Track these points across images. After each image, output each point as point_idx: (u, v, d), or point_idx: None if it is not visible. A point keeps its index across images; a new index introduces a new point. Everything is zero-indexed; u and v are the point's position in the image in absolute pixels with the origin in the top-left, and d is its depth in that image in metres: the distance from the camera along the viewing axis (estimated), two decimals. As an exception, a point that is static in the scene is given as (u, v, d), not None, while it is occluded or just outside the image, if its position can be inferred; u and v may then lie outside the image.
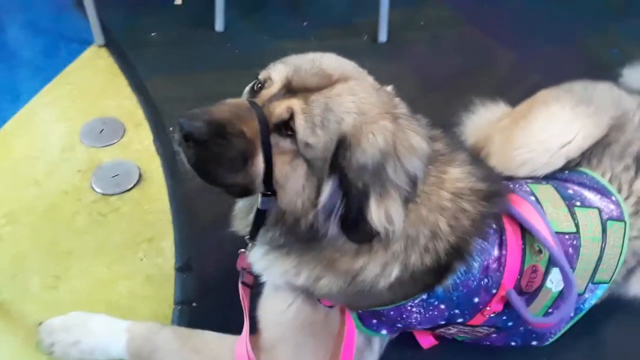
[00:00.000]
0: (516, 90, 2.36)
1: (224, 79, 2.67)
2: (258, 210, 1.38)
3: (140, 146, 2.34)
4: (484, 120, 2.14)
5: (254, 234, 1.43)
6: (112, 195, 2.13)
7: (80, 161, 2.24)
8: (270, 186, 1.28)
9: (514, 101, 2.12)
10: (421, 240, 1.35)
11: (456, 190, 1.40)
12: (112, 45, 2.87)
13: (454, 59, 2.96)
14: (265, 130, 1.23)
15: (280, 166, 1.26)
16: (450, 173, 1.41)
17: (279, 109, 1.24)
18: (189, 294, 1.84)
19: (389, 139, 1.24)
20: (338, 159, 1.22)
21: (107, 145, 2.32)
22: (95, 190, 2.13)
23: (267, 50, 1.34)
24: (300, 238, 1.36)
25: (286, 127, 1.24)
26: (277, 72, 1.30)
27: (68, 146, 2.30)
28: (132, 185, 2.17)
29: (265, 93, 1.29)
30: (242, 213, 1.53)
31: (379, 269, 1.36)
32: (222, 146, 1.21)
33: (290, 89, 1.27)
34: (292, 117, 1.23)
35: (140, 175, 2.20)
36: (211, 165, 1.25)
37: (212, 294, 1.83)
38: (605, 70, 2.53)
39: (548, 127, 1.79)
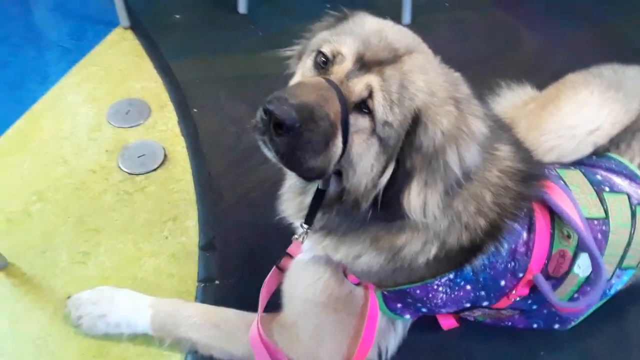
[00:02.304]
0: (543, 73, 2.32)
1: (247, 61, 2.69)
2: (318, 190, 1.37)
3: (165, 127, 2.36)
4: (509, 104, 2.11)
5: (311, 218, 1.41)
6: (138, 174, 2.16)
7: (107, 141, 2.27)
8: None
9: (541, 85, 2.09)
10: (464, 218, 1.35)
11: (504, 168, 1.39)
12: (137, 27, 2.89)
13: (479, 42, 2.93)
14: (345, 110, 1.19)
15: (357, 146, 1.23)
16: (501, 150, 1.41)
17: (359, 87, 1.21)
18: (212, 272, 1.86)
19: (452, 123, 1.22)
20: (409, 138, 1.20)
21: (133, 126, 2.35)
22: (121, 170, 2.16)
23: (290, 31, 1.34)
24: (357, 219, 1.35)
25: (364, 105, 1.21)
26: (348, 46, 1.25)
27: (95, 126, 2.33)
28: (157, 166, 2.19)
29: (339, 69, 1.24)
30: (292, 193, 1.52)
31: (420, 247, 1.37)
32: (312, 131, 1.16)
33: (363, 64, 1.23)
34: (370, 95, 1.20)
35: (165, 156, 2.22)
36: (299, 152, 1.19)
37: (234, 273, 1.85)
38: (636, 54, 2.47)
39: (576, 113, 1.76)
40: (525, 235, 1.44)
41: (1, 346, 1.63)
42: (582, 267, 1.48)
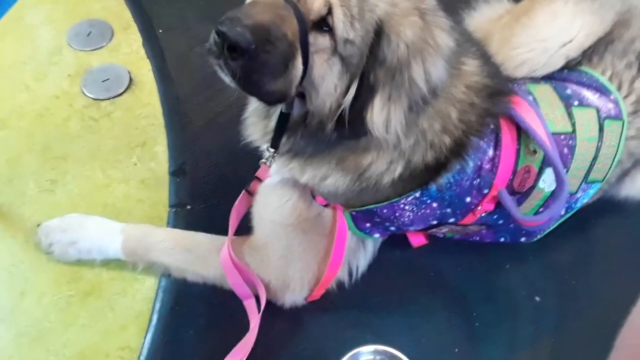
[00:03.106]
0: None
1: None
2: (281, 114, 1.34)
3: (129, 50, 2.26)
4: (485, 18, 2.04)
5: (276, 142, 1.39)
6: (103, 100, 2.09)
7: (69, 65, 2.18)
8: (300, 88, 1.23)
9: (518, -1, 2.02)
10: (429, 136, 1.34)
11: (471, 84, 1.37)
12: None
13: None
14: (303, 29, 1.14)
15: (318, 67, 1.20)
16: (468, 65, 1.38)
17: (317, 4, 1.15)
18: (183, 197, 1.85)
19: (417, 35, 1.18)
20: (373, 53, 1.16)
21: (95, 49, 2.24)
22: (85, 95, 2.09)
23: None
24: (322, 141, 1.33)
25: (324, 23, 1.16)
26: None
27: (56, 50, 2.23)
28: (122, 90, 2.12)
29: None
30: (256, 117, 1.49)
31: (385, 166, 1.36)
32: (268, 53, 1.12)
33: None
34: (330, 11, 1.15)
35: (130, 80, 2.15)
36: (256, 75, 1.15)
37: (205, 198, 1.84)
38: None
39: (549, 25, 1.71)
40: (491, 152, 1.43)
41: (-27, 274, 1.64)
42: (547, 181, 1.49)
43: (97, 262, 1.65)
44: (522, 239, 1.69)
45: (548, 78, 1.69)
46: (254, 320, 1.52)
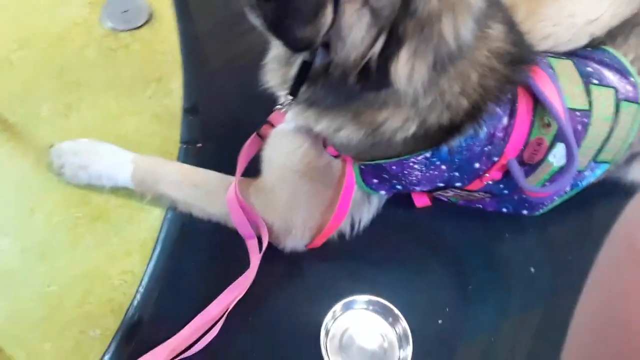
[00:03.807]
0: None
1: None
2: (303, 62, 1.34)
3: (151, -17, 2.24)
4: (512, -12, 2.02)
5: (295, 90, 1.38)
6: (121, 31, 2.08)
7: (90, -8, 2.17)
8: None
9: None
10: (447, 97, 1.33)
11: (494, 49, 1.36)
12: None
13: None
14: None
15: (347, 16, 1.18)
16: (493, 29, 1.36)
17: None
18: (194, 134, 1.86)
19: None
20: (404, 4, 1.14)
21: (117, -22, 2.23)
22: (104, 25, 2.08)
23: None
24: (341, 92, 1.33)
25: None
26: None
27: (78, -24, 2.21)
28: (142, 23, 2.10)
29: None
30: (277, 64, 1.48)
31: (400, 123, 1.37)
32: None
33: None
34: None
35: (151, 13, 2.13)
36: (287, 20, 1.14)
37: (217, 137, 1.86)
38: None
39: (577, 1, 1.69)
40: (505, 120, 1.44)
41: (-16, 187, 1.67)
42: (557, 156, 1.50)
43: (106, 188, 1.68)
44: (524, 212, 1.71)
45: (570, 54, 1.68)
46: (255, 259, 1.55)
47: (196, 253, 1.63)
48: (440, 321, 1.60)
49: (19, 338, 1.47)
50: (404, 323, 1.52)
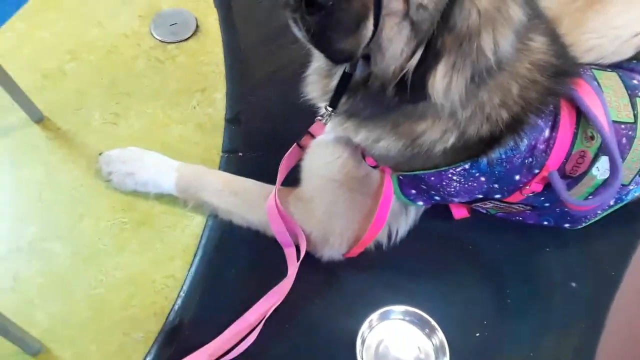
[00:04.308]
0: (600, -29, 2.16)
1: None
2: (344, 74, 1.36)
3: (198, -4, 2.32)
4: (555, 1, 2.00)
5: (335, 101, 1.41)
6: (169, 43, 2.16)
7: (141, 6, 2.25)
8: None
9: (594, -18, 1.96)
10: (487, 109, 1.33)
11: (536, 61, 1.35)
12: None
13: None
14: None
15: (388, 29, 1.20)
16: (535, 42, 1.36)
17: None
18: (236, 144, 1.91)
19: (491, 3, 1.15)
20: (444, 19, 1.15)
21: (167, -7, 2.31)
22: (154, 37, 2.17)
23: None
24: (380, 104, 1.34)
25: None
26: None
27: (129, -10, 2.31)
28: (189, 35, 2.18)
29: None
30: (318, 76, 1.51)
31: (439, 135, 1.37)
32: (344, 11, 1.13)
33: None
34: None
35: (197, 26, 2.21)
36: (329, 32, 1.16)
37: (257, 147, 1.90)
38: None
39: (624, 14, 1.66)
40: (547, 132, 1.42)
41: (38, 192, 1.75)
42: (601, 169, 1.47)
43: (151, 195, 1.74)
44: (566, 225, 1.69)
45: (615, 66, 1.65)
46: (292, 267, 1.58)
47: (236, 260, 1.67)
48: (477, 334, 1.58)
49: (68, 339, 1.53)
50: (440, 335, 1.51)
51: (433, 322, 1.51)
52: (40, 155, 1.83)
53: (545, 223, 1.68)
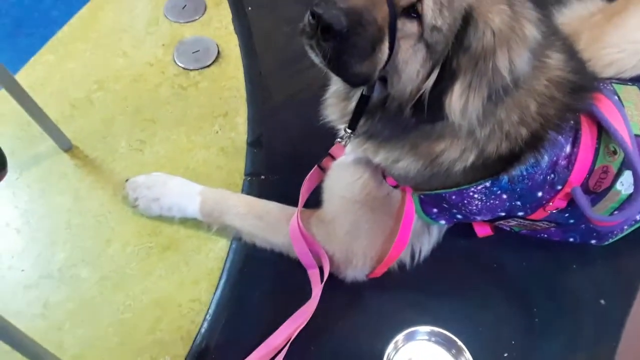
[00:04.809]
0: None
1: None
2: (362, 96, 1.38)
3: (219, 24, 2.37)
4: (575, 15, 1.99)
5: (354, 124, 1.43)
6: (192, 70, 2.21)
7: (164, 35, 2.32)
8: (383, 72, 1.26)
9: (612, -3, 1.96)
10: (505, 126, 1.34)
11: (553, 78, 1.36)
12: None
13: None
14: (393, 15, 1.17)
15: (403, 52, 1.22)
16: (552, 59, 1.37)
17: None
18: (258, 167, 1.94)
19: (505, 23, 1.17)
20: (458, 40, 1.17)
21: (189, 22, 2.37)
22: (177, 64, 2.22)
23: None
24: (398, 125, 1.36)
25: (413, 9, 1.18)
26: None
27: (153, 20, 2.37)
28: (211, 62, 2.23)
29: None
30: (336, 99, 1.53)
31: (458, 154, 1.38)
32: (359, 36, 1.16)
33: None
34: None
35: (218, 53, 2.26)
36: (345, 56, 1.19)
37: (278, 169, 1.93)
38: None
39: None
40: (568, 148, 1.42)
41: (67, 219, 1.80)
42: (625, 184, 1.46)
43: (176, 219, 1.78)
44: (593, 241, 1.66)
45: (636, 80, 1.64)
46: (316, 289, 1.58)
47: (260, 282, 1.69)
48: (505, 354, 1.56)
49: (97, 363, 1.56)
50: (468, 355, 1.49)
51: (460, 343, 1.50)
52: (69, 183, 1.88)
53: (571, 240, 1.66)
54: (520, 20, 1.21)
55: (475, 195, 1.48)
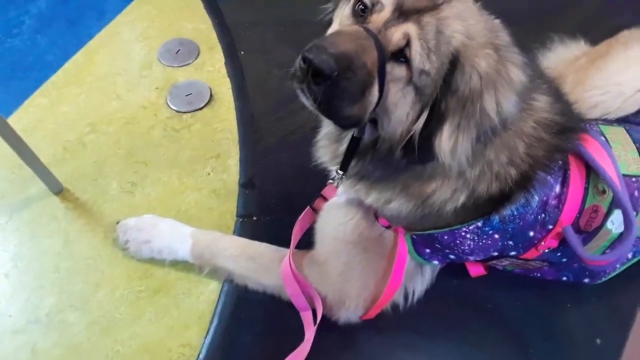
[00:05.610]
0: (600, 30, 2.20)
1: (297, 6, 2.68)
2: (352, 138, 1.40)
3: (212, 68, 2.41)
4: (560, 59, 2.06)
5: (345, 165, 1.44)
6: (185, 112, 2.23)
7: (158, 79, 2.35)
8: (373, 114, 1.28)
9: (596, 42, 2.02)
10: (495, 167, 1.35)
11: (540, 120, 1.38)
12: (190, -32, 2.91)
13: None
14: (382, 59, 1.19)
15: (392, 95, 1.24)
16: (539, 101, 1.39)
17: (396, 36, 1.20)
18: (250, 208, 1.94)
19: (491, 67, 1.20)
20: (446, 83, 1.20)
21: (182, 66, 2.41)
22: (170, 107, 2.24)
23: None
24: (389, 166, 1.37)
25: (401, 54, 1.21)
26: None
27: (147, 64, 2.41)
28: (203, 105, 2.26)
29: (378, 18, 1.24)
30: (328, 141, 1.55)
31: (449, 194, 1.39)
32: (349, 80, 1.18)
33: (401, 12, 1.21)
34: (408, 43, 1.19)
35: (211, 96, 2.29)
36: (336, 100, 1.21)
37: (271, 211, 1.93)
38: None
39: (625, 70, 1.71)
40: (558, 188, 1.43)
41: (56, 263, 1.78)
42: (616, 223, 1.47)
43: (167, 261, 1.76)
44: (586, 280, 1.66)
45: (622, 120, 1.68)
46: (309, 331, 1.56)
47: (252, 324, 1.66)
48: (502, 396, 1.54)
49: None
50: (463, 398, 1.47)
51: (455, 385, 1.47)
52: (59, 225, 1.86)
53: (565, 278, 1.66)
54: (506, 64, 1.24)
55: (468, 236, 1.49)
